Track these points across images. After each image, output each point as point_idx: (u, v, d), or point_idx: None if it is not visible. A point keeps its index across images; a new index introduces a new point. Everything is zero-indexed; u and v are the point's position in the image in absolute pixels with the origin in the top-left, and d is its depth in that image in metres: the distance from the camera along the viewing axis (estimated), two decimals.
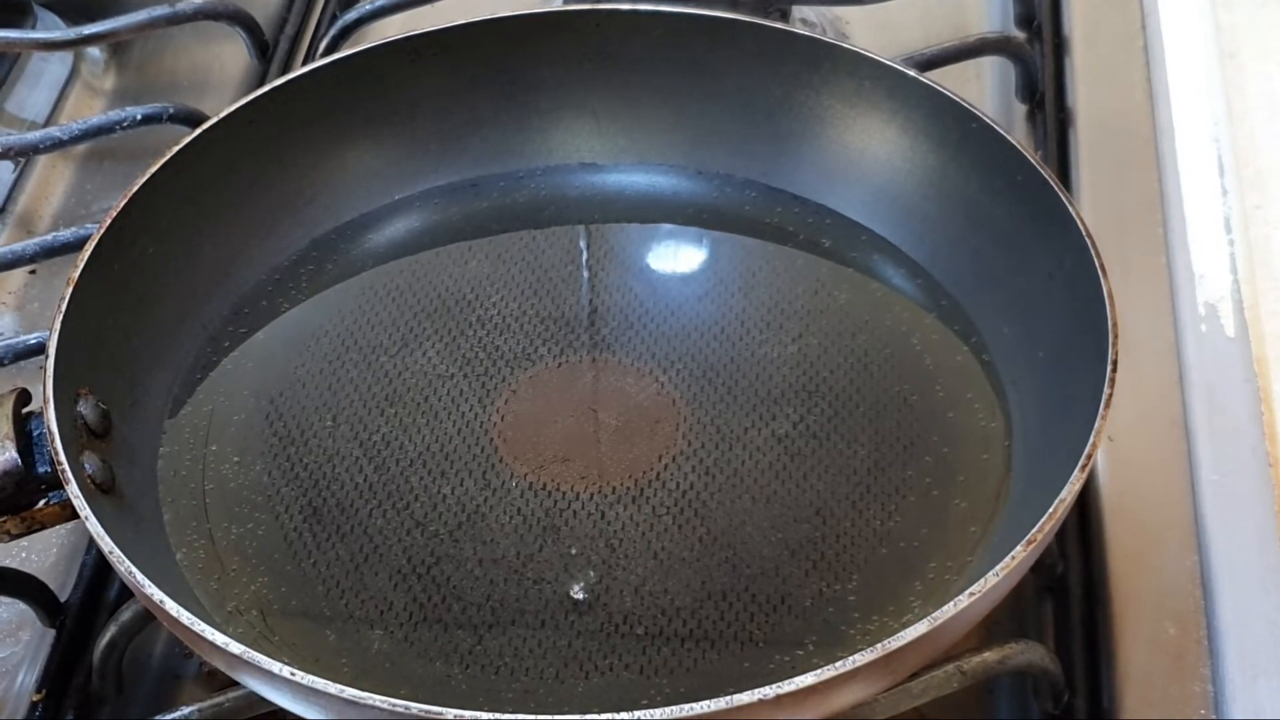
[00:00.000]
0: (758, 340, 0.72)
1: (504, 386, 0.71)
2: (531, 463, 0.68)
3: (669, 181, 0.78)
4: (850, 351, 0.71)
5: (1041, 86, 0.87)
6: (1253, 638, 0.64)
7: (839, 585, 0.63)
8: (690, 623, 0.62)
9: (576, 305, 0.74)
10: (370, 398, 0.71)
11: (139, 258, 0.70)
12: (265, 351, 0.73)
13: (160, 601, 0.56)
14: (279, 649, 0.62)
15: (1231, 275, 0.76)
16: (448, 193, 0.79)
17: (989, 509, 0.65)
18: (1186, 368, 0.73)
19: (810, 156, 0.77)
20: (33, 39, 0.91)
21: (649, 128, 0.78)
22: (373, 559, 0.65)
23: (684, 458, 0.68)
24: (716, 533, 0.65)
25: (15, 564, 0.69)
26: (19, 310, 0.82)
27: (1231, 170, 0.80)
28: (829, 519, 0.65)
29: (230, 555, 0.65)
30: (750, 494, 0.66)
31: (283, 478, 0.68)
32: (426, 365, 0.72)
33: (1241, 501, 0.68)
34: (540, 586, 0.64)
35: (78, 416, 0.64)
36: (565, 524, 0.66)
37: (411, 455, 0.68)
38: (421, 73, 0.78)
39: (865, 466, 0.67)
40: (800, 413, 0.69)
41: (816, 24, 0.91)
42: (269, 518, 0.66)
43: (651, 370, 0.71)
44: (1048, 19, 0.91)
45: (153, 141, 0.85)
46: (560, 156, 0.79)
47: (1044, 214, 0.67)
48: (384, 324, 0.74)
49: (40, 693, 0.65)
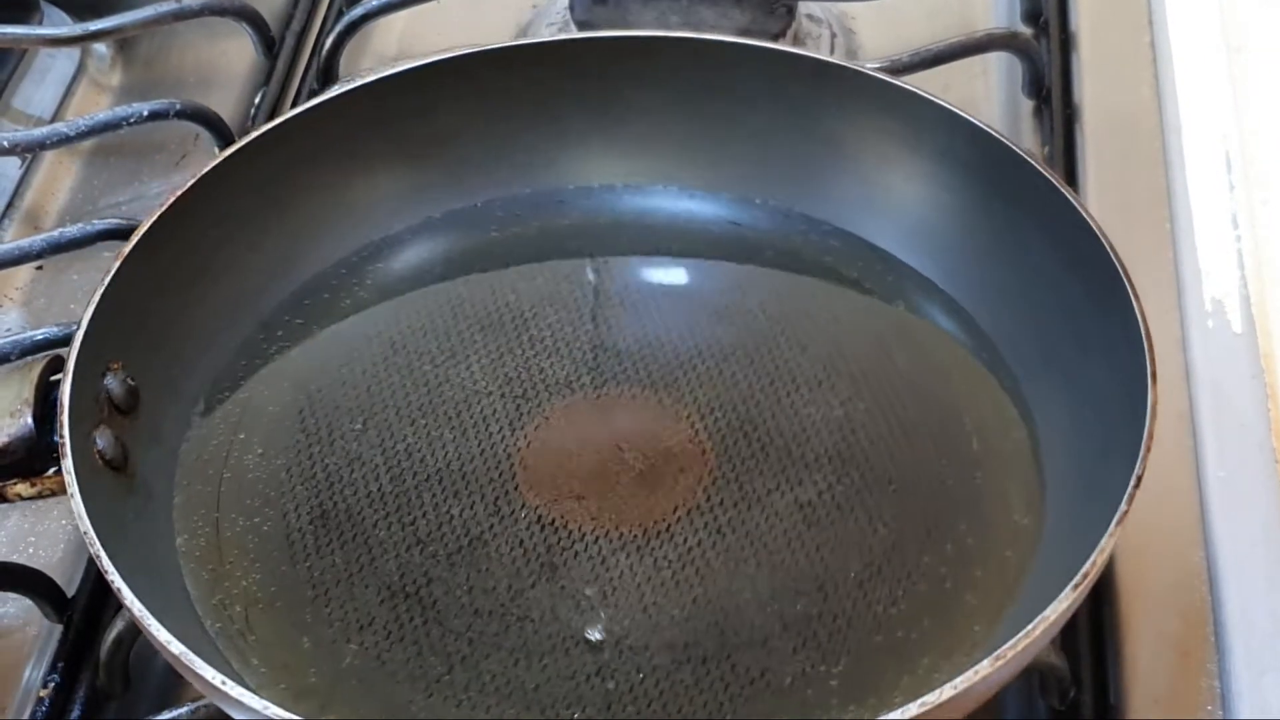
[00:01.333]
0: (805, 399, 0.70)
1: (538, 412, 0.70)
2: (546, 495, 0.67)
3: (740, 215, 0.76)
4: (897, 423, 0.69)
5: (1048, 82, 0.86)
6: (1259, 633, 0.63)
7: (824, 667, 0.61)
8: (663, 684, 0.60)
9: (628, 337, 0.72)
10: (404, 406, 0.70)
11: (197, 240, 0.71)
12: (314, 345, 0.73)
13: (117, 586, 0.56)
14: (252, 649, 0.62)
15: (1239, 271, 0.75)
16: (529, 205, 0.78)
17: (998, 609, 0.62)
18: (1193, 363, 0.73)
19: (896, 212, 0.74)
20: (39, 35, 0.92)
21: (728, 155, 0.77)
22: (367, 570, 0.64)
23: (699, 512, 0.66)
24: (712, 595, 0.63)
25: (22, 559, 0.70)
26: (26, 306, 0.82)
27: (1239, 166, 0.79)
28: (830, 596, 0.63)
29: (230, 547, 0.65)
30: (757, 559, 0.64)
31: (300, 476, 0.68)
32: (468, 380, 0.71)
33: (1248, 497, 0.68)
34: (522, 624, 0.62)
35: (102, 390, 0.65)
36: (564, 563, 0.64)
37: (430, 470, 0.68)
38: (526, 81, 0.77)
39: (882, 547, 0.64)
40: (829, 480, 0.67)
41: (823, 20, 0.89)
42: (277, 514, 0.66)
43: (689, 415, 0.69)
44: (1054, 14, 0.90)
45: (159, 138, 0.87)
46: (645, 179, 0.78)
47: (1117, 313, 0.64)
48: (437, 332, 0.73)
49: (47, 688, 0.65)
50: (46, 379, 0.64)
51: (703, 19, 0.81)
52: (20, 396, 0.63)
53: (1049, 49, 0.88)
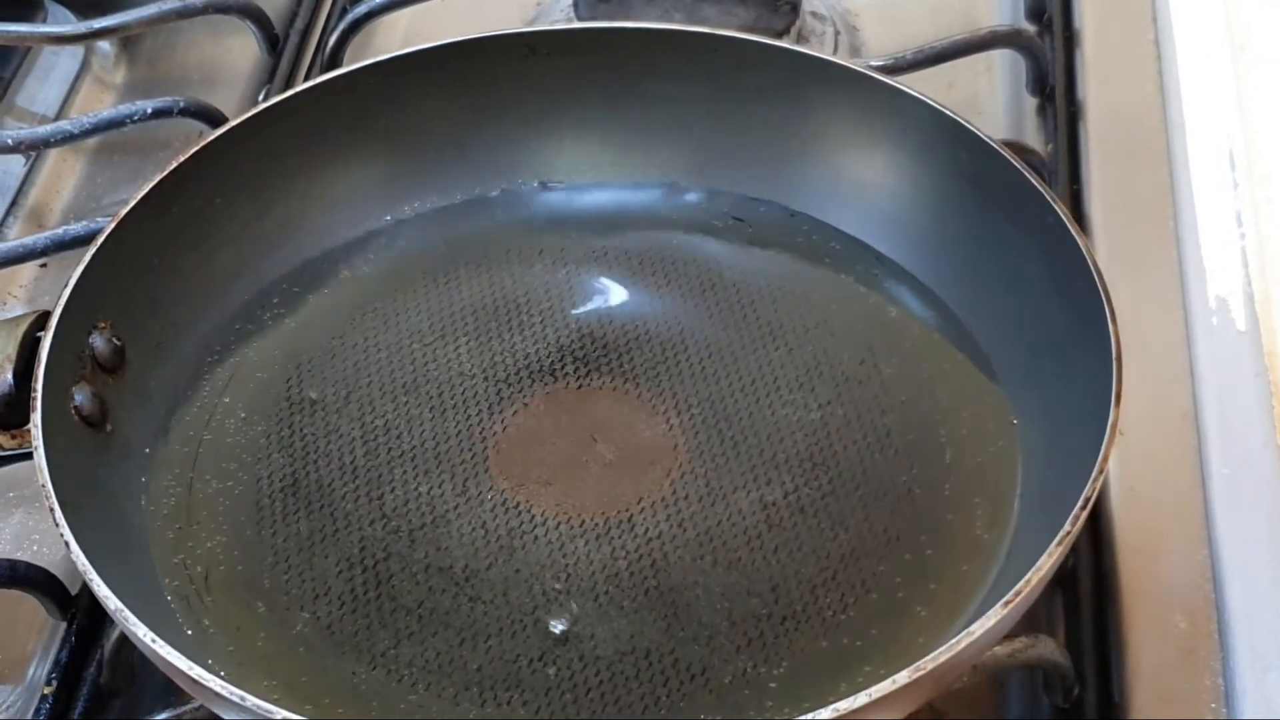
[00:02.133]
0: (784, 400, 0.69)
1: (518, 398, 0.70)
2: (514, 479, 0.67)
3: (742, 212, 0.76)
4: (872, 430, 0.68)
5: (1052, 80, 0.86)
6: (1263, 631, 0.63)
7: (764, 669, 0.60)
8: (603, 674, 0.61)
9: (616, 330, 0.72)
10: (388, 382, 0.71)
11: (202, 206, 0.72)
12: (310, 316, 0.74)
13: (67, 539, 0.57)
14: (206, 609, 0.63)
15: (1242, 269, 0.75)
16: (530, 194, 0.78)
17: (947, 624, 0.61)
18: (1197, 362, 0.72)
19: (898, 218, 0.74)
20: (43, 33, 0.92)
21: (728, 153, 0.77)
22: (329, 541, 0.65)
23: (663, 504, 0.66)
24: (665, 588, 0.63)
25: (26, 556, 0.70)
26: (30, 304, 0.82)
27: (1243, 164, 0.78)
28: (782, 598, 0.63)
29: (200, 509, 0.66)
30: (714, 556, 0.64)
31: (278, 442, 0.69)
32: (454, 361, 0.72)
33: (1252, 495, 0.67)
34: (473, 604, 0.63)
35: (87, 348, 0.66)
36: (522, 547, 0.65)
37: (405, 447, 0.69)
38: (535, 69, 0.77)
39: (840, 552, 0.64)
40: (796, 483, 0.66)
41: (827, 17, 0.89)
42: (250, 479, 0.67)
43: (666, 410, 0.69)
44: (1058, 12, 0.89)
45: (163, 135, 0.88)
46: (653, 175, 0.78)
47: (1095, 333, 0.63)
48: (432, 311, 0.74)
49: (51, 686, 0.65)
50: (32, 335, 0.66)
51: (706, 16, 0.81)
52: (3, 352, 0.65)
53: (1053, 46, 0.87)
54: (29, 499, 0.73)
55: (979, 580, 0.62)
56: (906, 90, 0.71)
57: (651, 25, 0.75)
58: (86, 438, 0.65)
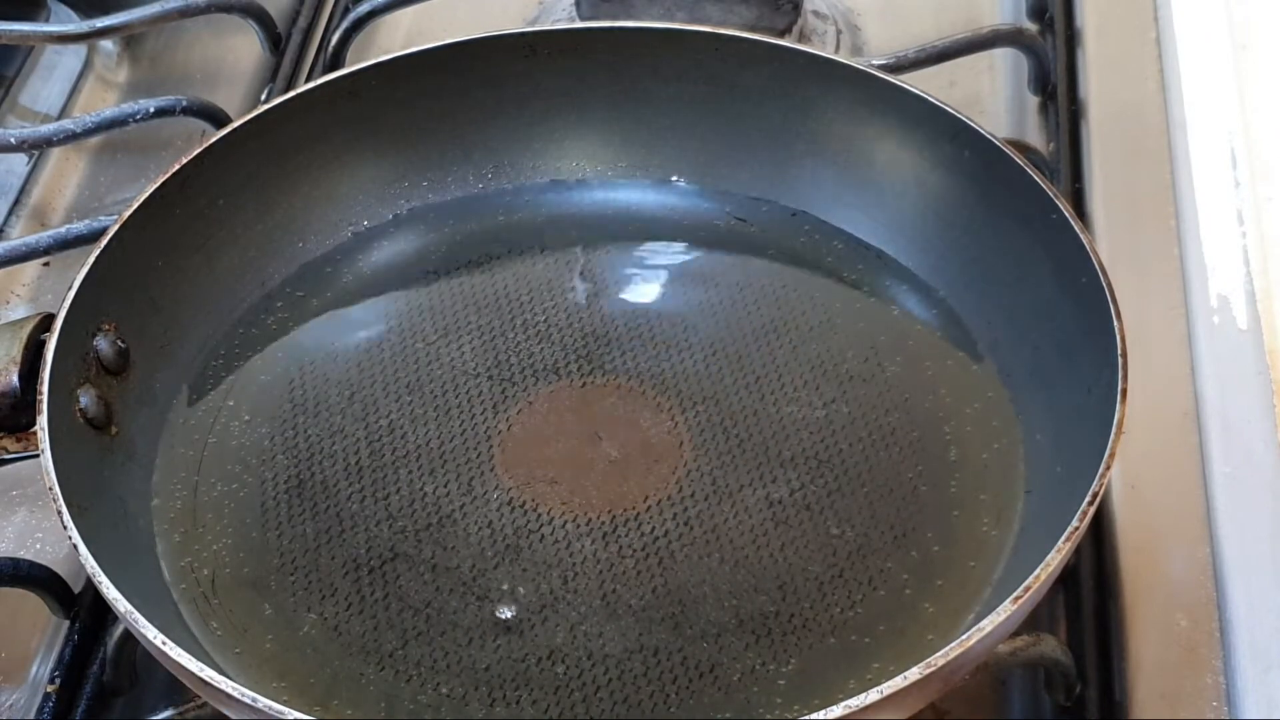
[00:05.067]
0: (789, 398, 0.70)
1: (522, 396, 0.70)
2: (520, 478, 0.67)
3: (744, 212, 0.76)
4: (878, 428, 0.68)
5: (1054, 78, 0.86)
6: (1265, 630, 0.63)
7: (773, 666, 0.61)
8: (612, 673, 0.61)
9: (620, 328, 0.72)
10: (392, 382, 0.71)
11: (205, 208, 0.72)
12: (313, 318, 0.74)
13: (75, 542, 0.57)
14: (213, 612, 0.63)
15: (1244, 267, 0.75)
16: (535, 192, 0.78)
17: (954, 621, 0.61)
18: (1198, 360, 0.73)
19: (900, 217, 0.74)
20: (46, 32, 0.92)
21: (728, 152, 0.77)
22: (335, 542, 0.65)
23: (669, 503, 0.66)
24: (672, 586, 0.63)
25: (29, 555, 0.70)
26: (33, 302, 0.83)
27: (1244, 162, 0.78)
28: (789, 596, 0.63)
29: (205, 511, 0.66)
30: (720, 554, 0.64)
31: (282, 444, 0.69)
32: (458, 360, 0.72)
33: (1253, 494, 0.68)
34: (481, 604, 0.63)
35: (92, 350, 0.66)
36: (528, 546, 0.65)
37: (409, 447, 0.68)
38: (537, 69, 0.77)
39: (847, 550, 0.64)
40: (802, 480, 0.66)
41: (829, 16, 0.89)
42: (255, 481, 0.67)
43: (670, 407, 0.70)
44: (1060, 11, 0.90)
45: (166, 134, 0.88)
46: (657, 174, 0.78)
47: (1100, 330, 0.63)
48: (437, 311, 0.74)
49: (54, 684, 0.65)
50: (37, 337, 0.66)
51: (708, 15, 0.81)
52: (9, 354, 0.65)
53: (1055, 45, 0.88)
54: (31, 498, 0.73)
55: (986, 577, 0.62)
56: (909, 88, 0.71)
57: (653, 25, 0.75)
58: (92, 440, 0.65)
